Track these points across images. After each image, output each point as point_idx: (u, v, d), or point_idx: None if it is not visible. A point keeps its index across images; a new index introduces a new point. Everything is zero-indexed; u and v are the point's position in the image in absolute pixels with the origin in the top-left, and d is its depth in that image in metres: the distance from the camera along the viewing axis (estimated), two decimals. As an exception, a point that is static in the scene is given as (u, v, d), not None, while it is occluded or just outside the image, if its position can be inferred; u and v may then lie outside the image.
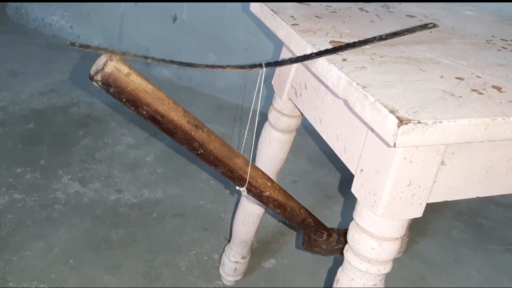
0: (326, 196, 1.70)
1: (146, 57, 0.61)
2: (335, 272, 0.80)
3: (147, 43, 2.30)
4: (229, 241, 1.30)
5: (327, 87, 0.74)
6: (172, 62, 0.63)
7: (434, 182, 0.68)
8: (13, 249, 1.33)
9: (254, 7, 0.94)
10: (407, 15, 0.96)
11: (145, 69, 2.36)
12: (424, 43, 0.80)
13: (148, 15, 2.24)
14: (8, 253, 1.31)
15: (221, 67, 0.65)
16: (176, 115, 0.63)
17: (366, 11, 0.95)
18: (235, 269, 1.27)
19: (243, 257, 1.27)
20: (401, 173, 0.65)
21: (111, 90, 0.58)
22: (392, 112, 0.55)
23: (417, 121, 0.54)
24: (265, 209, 1.17)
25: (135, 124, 1.95)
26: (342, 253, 1.03)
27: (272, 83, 1.03)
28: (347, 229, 1.03)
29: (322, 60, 0.69)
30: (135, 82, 0.59)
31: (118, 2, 2.31)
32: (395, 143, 0.55)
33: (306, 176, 1.79)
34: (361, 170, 0.71)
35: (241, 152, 0.78)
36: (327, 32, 0.80)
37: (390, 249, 0.71)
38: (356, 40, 0.77)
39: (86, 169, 1.67)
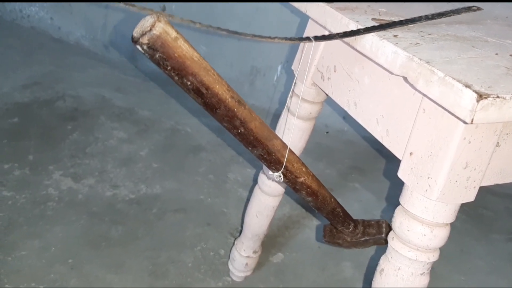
0: (328, 189, 1.66)
1: (194, 22, 0.56)
2: (374, 261, 0.76)
3: (133, 35, 2.21)
4: (239, 235, 1.25)
5: (377, 65, 0.70)
6: (219, 29, 0.58)
7: (488, 164, 0.65)
8: (7, 249, 1.24)
9: (277, -13, 0.89)
10: (434, -3, 0.93)
11: (130, 61, 2.28)
12: (463, 23, 0.77)
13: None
14: (2, 253, 1.23)
15: (270, 37, 0.61)
16: (221, 89, 0.58)
17: (393, -8, 0.91)
18: (246, 264, 1.22)
19: (254, 252, 1.22)
20: (459, 155, 0.62)
21: (156, 56, 0.52)
22: (467, 86, 0.52)
23: (495, 96, 0.51)
24: (296, 195, 1.12)
25: (125, 118, 1.87)
26: (367, 246, 1.00)
27: (293, 68, 0.98)
28: (372, 221, 1.00)
29: (372, 36, 0.65)
30: (183, 48, 0.53)
31: (102, -8, 2.22)
32: (472, 119, 0.51)
33: (306, 169, 1.75)
34: (411, 154, 0.67)
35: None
36: (365, 10, 0.76)
37: (441, 235, 0.68)
38: (395, 18, 0.74)
39: (78, 165, 1.59)
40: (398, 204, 0.71)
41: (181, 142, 1.79)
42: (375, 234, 0.94)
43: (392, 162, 1.85)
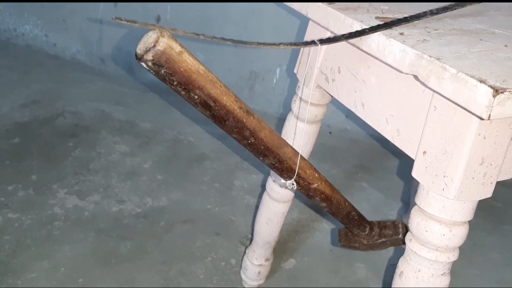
0: (336, 190, 1.65)
1: (197, 34, 0.55)
2: (392, 264, 0.75)
3: (129, 47, 2.21)
4: (249, 243, 1.23)
5: (384, 64, 0.68)
6: (223, 39, 0.57)
7: (504, 158, 0.64)
8: (16, 272, 1.22)
9: (275, -9, 0.88)
10: (434, -9, 0.92)
11: (128, 74, 2.27)
12: (467, 16, 0.76)
13: (129, 17, 2.15)
14: (11, 277, 1.21)
15: (274, 44, 0.59)
16: (228, 100, 0.57)
17: (392, -11, 0.90)
18: (259, 272, 1.21)
19: (266, 259, 1.20)
20: (474, 151, 0.60)
21: (162, 72, 0.51)
22: (482, 82, 0.50)
23: (511, 90, 0.50)
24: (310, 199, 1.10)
25: (126, 131, 1.86)
26: (384, 248, 0.99)
27: (295, 71, 0.97)
28: (388, 222, 0.99)
29: (377, 35, 0.64)
30: (188, 62, 0.52)
31: (95, 7, 2.21)
32: (489, 115, 0.50)
33: (312, 171, 1.73)
34: (424, 152, 0.66)
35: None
36: (368, 9, 0.75)
37: (461, 234, 0.67)
38: (399, 15, 0.72)
39: (82, 181, 1.58)
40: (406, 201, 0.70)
41: (184, 152, 1.78)
42: (392, 235, 0.93)
43: (401, 159, 1.84)
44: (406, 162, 1.82)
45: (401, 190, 1.68)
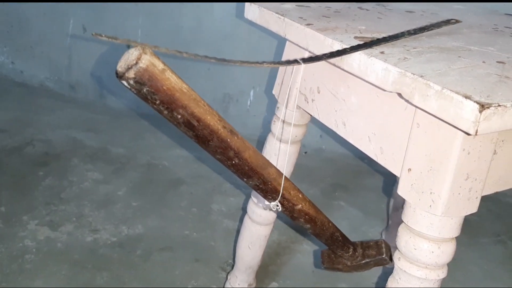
0: (314, 210, 1.64)
1: (180, 52, 0.54)
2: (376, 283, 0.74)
3: (100, 72, 2.17)
4: (231, 269, 1.21)
5: (366, 82, 0.68)
6: (206, 57, 0.56)
7: (488, 173, 0.64)
8: (-15, 311, 1.16)
9: (251, 12, 0.88)
10: (406, 11, 0.94)
11: (99, 100, 2.23)
12: (442, 34, 0.78)
13: (99, 43, 2.12)
14: (-20, 316, 1.15)
15: (258, 62, 0.59)
16: (212, 119, 0.56)
17: (367, 10, 0.92)
18: (242, 298, 1.18)
19: (249, 284, 1.18)
20: (460, 167, 0.60)
21: (144, 90, 0.49)
22: (467, 97, 0.51)
23: (497, 104, 0.50)
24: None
25: (99, 158, 1.81)
26: (368, 268, 0.98)
27: (274, 92, 0.97)
28: (371, 242, 0.98)
29: (359, 54, 0.64)
30: (171, 80, 0.50)
31: (64, 33, 2.18)
32: (476, 130, 0.50)
33: (289, 192, 1.72)
34: (409, 170, 0.66)
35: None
36: (346, 30, 0.75)
37: (449, 251, 0.67)
38: (377, 35, 0.73)
39: (53, 212, 1.52)
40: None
41: (159, 177, 1.74)
42: (375, 255, 0.92)
43: (381, 176, 1.85)
44: (388, 180, 1.84)
45: (380, 208, 1.69)
